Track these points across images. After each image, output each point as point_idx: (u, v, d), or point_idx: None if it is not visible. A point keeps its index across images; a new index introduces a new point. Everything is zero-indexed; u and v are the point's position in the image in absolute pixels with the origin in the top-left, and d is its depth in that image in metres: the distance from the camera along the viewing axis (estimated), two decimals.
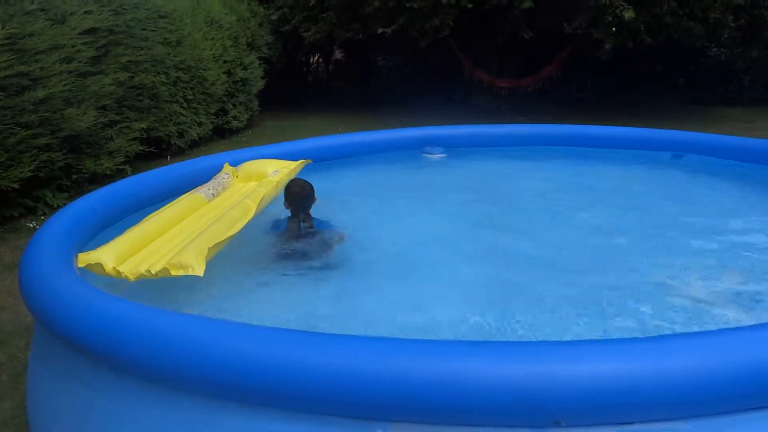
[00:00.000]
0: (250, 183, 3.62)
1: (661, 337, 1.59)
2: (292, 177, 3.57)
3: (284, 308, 2.56)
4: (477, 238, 3.34)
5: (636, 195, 4.15)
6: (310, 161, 3.95)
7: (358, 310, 2.54)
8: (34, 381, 2.31)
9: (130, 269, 2.40)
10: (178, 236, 2.80)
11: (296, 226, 3.20)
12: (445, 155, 5.05)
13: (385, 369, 1.47)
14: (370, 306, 2.56)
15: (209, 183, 3.52)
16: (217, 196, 3.41)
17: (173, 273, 2.34)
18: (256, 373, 1.52)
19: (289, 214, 3.25)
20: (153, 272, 2.34)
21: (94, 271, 2.40)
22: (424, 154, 5.07)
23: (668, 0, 8.84)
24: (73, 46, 5.66)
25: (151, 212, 3.20)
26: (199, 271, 2.33)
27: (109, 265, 2.39)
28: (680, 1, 9.02)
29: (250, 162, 3.86)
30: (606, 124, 5.54)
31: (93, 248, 2.57)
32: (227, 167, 3.83)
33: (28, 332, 3.22)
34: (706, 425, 1.50)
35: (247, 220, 2.96)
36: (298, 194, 3.19)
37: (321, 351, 1.55)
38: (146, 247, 2.65)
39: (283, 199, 3.26)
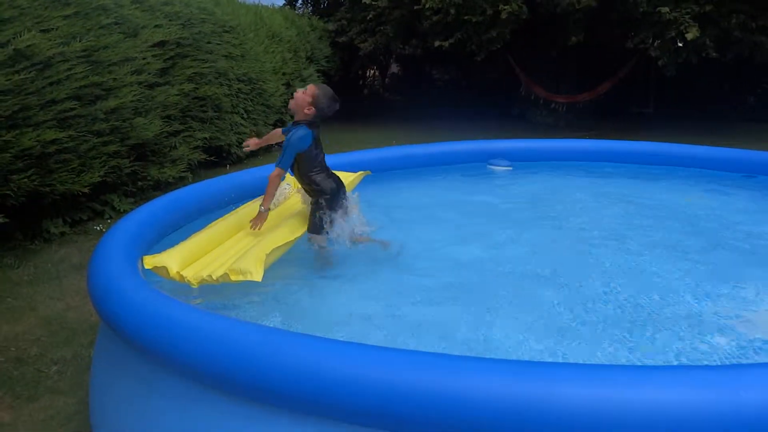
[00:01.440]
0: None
1: (735, 366, 1.50)
2: (351, 189, 3.59)
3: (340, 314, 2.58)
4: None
5: (703, 217, 3.97)
6: (368, 173, 3.98)
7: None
8: (97, 378, 2.39)
9: (193, 274, 2.48)
10: (239, 243, 2.88)
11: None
12: (510, 168, 5.00)
13: (441, 386, 1.45)
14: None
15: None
16: (278, 206, 3.49)
17: (233, 278, 2.40)
18: (316, 383, 1.53)
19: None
20: (214, 277, 2.42)
21: (159, 273, 2.49)
22: (489, 166, 5.04)
23: (737, 13, 8.47)
24: (143, 59, 5.91)
25: (212, 219, 3.29)
26: (258, 276, 2.39)
27: (173, 269, 2.48)
28: (750, 13, 8.62)
29: None
30: (669, 142, 5.34)
31: (158, 252, 2.66)
32: (289, 177, 3.90)
33: (92, 331, 3.35)
34: None
35: (304, 230, 3.00)
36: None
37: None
38: (208, 254, 2.73)
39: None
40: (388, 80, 15.79)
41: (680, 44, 8.84)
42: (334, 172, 3.22)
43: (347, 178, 3.73)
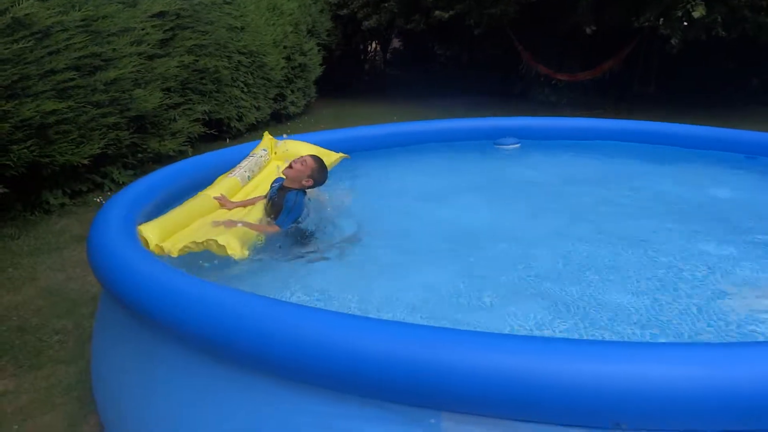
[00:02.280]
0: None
1: (736, 344, 1.52)
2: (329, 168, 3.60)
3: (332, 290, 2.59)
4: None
5: (709, 199, 3.97)
6: (348, 156, 3.90)
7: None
8: (99, 348, 2.41)
9: (172, 245, 2.50)
10: (217, 218, 2.89)
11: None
12: (518, 146, 4.99)
13: (443, 359, 1.46)
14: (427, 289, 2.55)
15: (246, 162, 3.54)
16: (253, 177, 3.47)
17: (216, 249, 2.43)
18: (315, 354, 1.54)
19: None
20: (198, 242, 2.45)
21: (143, 244, 2.50)
22: (497, 145, 5.03)
23: None
24: (143, 29, 5.84)
25: None
26: (242, 254, 2.45)
27: (153, 241, 2.50)
28: None
29: (292, 141, 3.87)
30: (671, 122, 5.30)
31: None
32: (267, 138, 3.84)
33: (93, 302, 3.38)
34: None
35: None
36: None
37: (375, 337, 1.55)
38: (186, 228, 2.75)
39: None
40: (389, 55, 15.63)
41: (685, 23, 8.73)
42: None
43: (328, 157, 3.67)
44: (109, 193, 5.53)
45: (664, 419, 1.37)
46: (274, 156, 3.75)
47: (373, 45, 15.12)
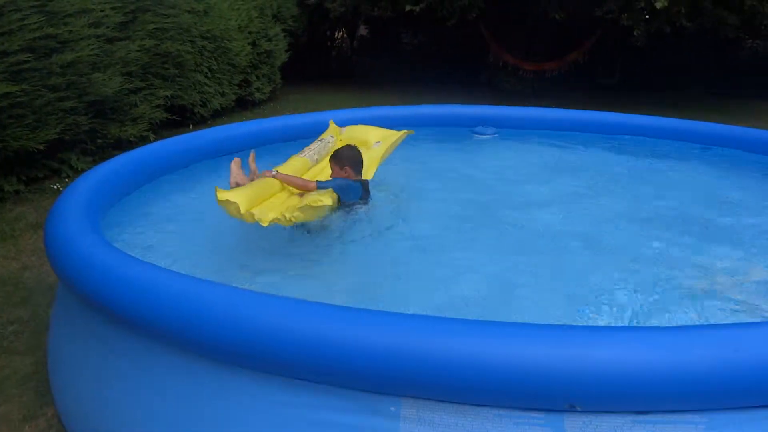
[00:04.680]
0: None
1: (682, 328, 1.57)
2: (394, 148, 3.68)
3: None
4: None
5: (663, 186, 4.09)
6: (412, 131, 3.96)
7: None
8: (55, 338, 2.36)
9: (262, 213, 2.55)
10: (293, 198, 2.99)
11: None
12: (496, 135, 5.04)
13: (400, 344, 1.48)
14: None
15: (314, 145, 3.63)
16: (321, 160, 3.55)
17: (311, 203, 2.54)
18: (269, 341, 1.54)
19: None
20: (287, 217, 2.52)
21: (227, 208, 2.53)
22: (475, 134, 5.07)
23: None
24: (101, 11, 5.67)
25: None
26: (328, 201, 2.63)
27: (243, 207, 2.52)
28: None
29: (355, 127, 3.93)
30: (631, 113, 5.44)
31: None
32: (332, 126, 3.90)
33: (50, 291, 3.29)
34: (721, 419, 1.50)
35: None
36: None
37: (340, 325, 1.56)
38: (269, 200, 2.86)
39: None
40: (356, 42, 15.52)
41: (647, 16, 8.91)
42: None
43: (390, 137, 3.76)
44: (67, 180, 5.38)
45: (615, 401, 1.42)
46: (339, 141, 3.79)
47: (340, 32, 14.99)
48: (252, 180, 3.10)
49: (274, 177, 3.01)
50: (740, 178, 4.22)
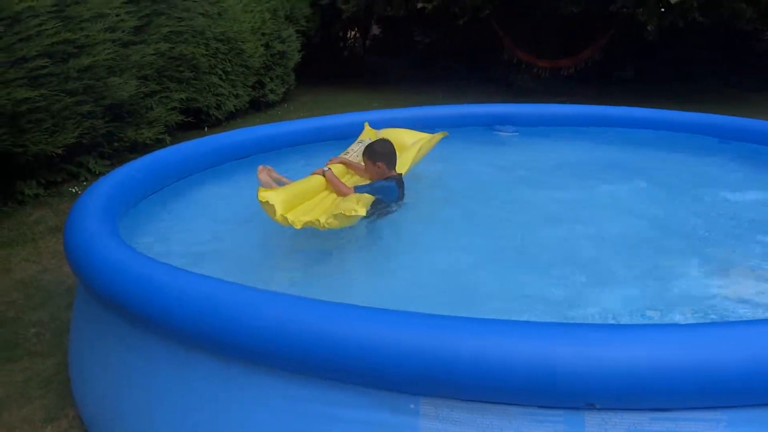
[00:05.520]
0: None
1: (702, 325, 1.56)
2: (429, 149, 3.69)
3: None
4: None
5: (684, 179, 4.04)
6: (446, 133, 3.98)
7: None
8: (76, 340, 2.39)
9: (295, 217, 2.57)
10: (330, 197, 3.02)
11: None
12: (516, 133, 5.02)
13: (420, 343, 1.48)
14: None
15: (356, 146, 3.66)
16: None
17: (345, 212, 2.50)
18: (292, 340, 1.55)
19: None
20: (322, 222, 2.52)
21: (265, 209, 2.57)
22: (495, 132, 5.05)
23: None
24: (117, 15, 5.72)
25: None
26: (362, 211, 2.55)
27: (279, 210, 2.55)
28: None
29: (391, 130, 3.95)
30: (647, 108, 5.39)
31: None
32: (367, 129, 3.94)
33: (69, 293, 3.33)
34: (743, 416, 1.48)
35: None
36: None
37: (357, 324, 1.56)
38: (305, 203, 2.87)
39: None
40: (369, 42, 15.50)
41: (662, 9, 8.80)
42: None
43: (425, 139, 3.76)
44: (85, 183, 5.44)
45: (635, 398, 1.41)
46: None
47: (353, 32, 14.98)
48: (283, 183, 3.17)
49: (323, 174, 3.07)
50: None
